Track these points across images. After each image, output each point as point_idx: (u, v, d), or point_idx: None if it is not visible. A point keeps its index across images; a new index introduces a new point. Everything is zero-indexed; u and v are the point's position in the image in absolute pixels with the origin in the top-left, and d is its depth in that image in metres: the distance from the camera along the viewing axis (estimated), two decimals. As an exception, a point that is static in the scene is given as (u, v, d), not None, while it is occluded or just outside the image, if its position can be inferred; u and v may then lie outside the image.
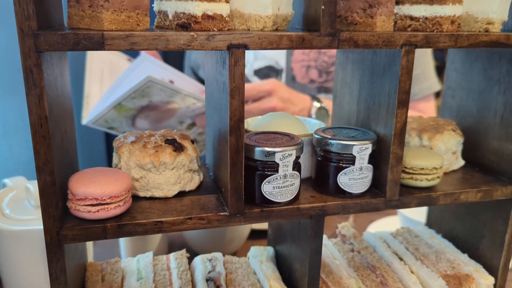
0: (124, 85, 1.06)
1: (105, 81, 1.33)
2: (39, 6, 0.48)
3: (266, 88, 1.07)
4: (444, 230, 0.87)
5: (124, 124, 1.18)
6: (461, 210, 0.82)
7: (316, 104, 1.17)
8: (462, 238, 0.82)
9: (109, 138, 1.87)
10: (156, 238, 0.95)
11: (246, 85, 1.05)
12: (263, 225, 1.05)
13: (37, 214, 0.83)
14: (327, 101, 1.21)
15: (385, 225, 1.13)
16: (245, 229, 1.00)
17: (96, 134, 1.81)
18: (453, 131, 0.75)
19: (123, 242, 0.93)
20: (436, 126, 0.75)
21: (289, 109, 1.11)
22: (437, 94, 1.48)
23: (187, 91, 1.07)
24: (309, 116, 1.16)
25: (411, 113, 1.34)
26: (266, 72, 1.38)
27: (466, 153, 0.79)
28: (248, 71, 1.38)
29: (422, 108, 1.41)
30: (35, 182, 0.90)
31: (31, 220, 0.80)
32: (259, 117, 0.77)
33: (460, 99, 0.81)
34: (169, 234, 1.04)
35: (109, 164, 1.90)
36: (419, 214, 1.01)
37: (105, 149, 1.86)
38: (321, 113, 1.16)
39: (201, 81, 1.50)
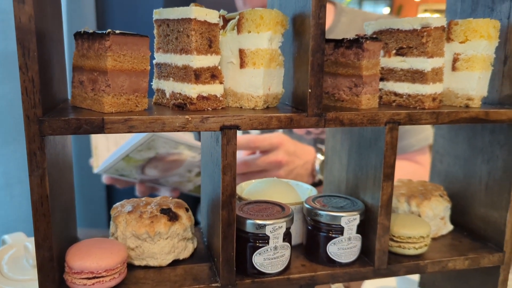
0: (130, 140, 1.11)
1: None
2: (45, 92, 0.52)
3: (273, 142, 1.11)
4: (436, 292, 0.88)
5: (134, 172, 1.22)
6: (453, 273, 0.83)
7: (320, 157, 1.21)
8: (454, 301, 0.83)
9: (109, 191, 1.89)
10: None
11: (255, 137, 1.11)
12: None
13: (35, 275, 0.84)
14: None
15: (379, 282, 1.14)
16: None
17: (96, 187, 1.84)
18: (440, 197, 0.77)
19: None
20: (424, 192, 0.78)
21: (294, 162, 1.15)
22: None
23: (190, 143, 1.11)
24: (313, 168, 1.20)
25: (410, 165, 1.38)
26: None
27: (455, 218, 0.81)
28: None
29: (420, 160, 1.45)
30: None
31: (29, 281, 0.82)
32: (253, 181, 0.80)
33: (447, 165, 0.84)
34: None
35: (109, 216, 1.92)
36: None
37: (106, 201, 1.88)
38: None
39: None
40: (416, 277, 0.98)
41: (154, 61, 0.64)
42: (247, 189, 0.77)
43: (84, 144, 1.85)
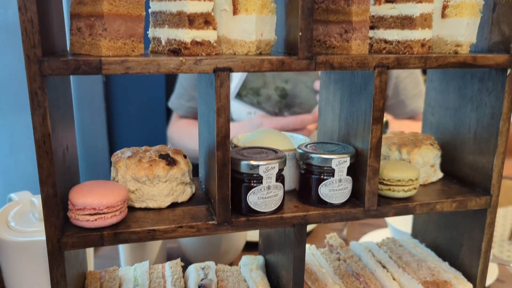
0: None
1: None
2: (44, 35, 0.54)
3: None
4: (427, 240, 0.91)
5: None
6: (443, 220, 0.86)
7: None
8: (444, 247, 0.86)
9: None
10: (155, 250, 0.99)
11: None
12: (257, 237, 1.09)
13: (41, 226, 0.88)
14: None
15: (376, 237, 1.17)
16: (240, 240, 1.04)
17: (99, 152, 1.87)
18: (431, 145, 0.79)
19: (122, 253, 0.98)
20: (415, 141, 0.80)
21: None
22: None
23: None
24: None
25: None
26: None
27: (445, 167, 0.84)
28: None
29: None
30: (40, 196, 0.95)
31: (35, 232, 0.85)
32: (249, 133, 0.82)
33: (438, 116, 0.86)
34: (167, 246, 1.08)
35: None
36: (409, 226, 1.05)
37: (109, 167, 1.92)
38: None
39: None
40: (409, 229, 1.01)
41: (149, 10, 0.65)
42: (242, 139, 0.79)
43: (86, 127, 1.88)
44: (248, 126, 1.39)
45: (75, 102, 1.80)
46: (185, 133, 1.61)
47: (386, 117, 1.45)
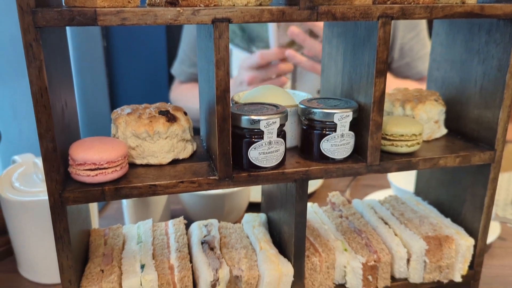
0: None
1: None
2: (36, -15, 0.52)
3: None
4: (430, 197, 0.91)
5: None
6: (446, 177, 0.86)
7: None
8: (446, 204, 0.86)
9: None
10: (158, 211, 1.00)
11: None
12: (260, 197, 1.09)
13: (44, 187, 0.88)
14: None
15: (379, 197, 1.17)
16: (243, 201, 1.05)
17: (102, 118, 1.86)
18: (435, 101, 0.78)
19: (127, 214, 0.99)
20: (419, 97, 0.79)
21: None
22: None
23: None
24: None
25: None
26: None
27: (450, 123, 0.83)
28: None
29: None
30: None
31: (39, 192, 0.86)
32: (250, 90, 0.81)
33: (444, 71, 0.84)
34: (171, 208, 1.09)
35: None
36: (412, 186, 1.04)
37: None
38: None
39: None
40: (411, 188, 1.01)
41: (145, -39, 0.63)
42: (244, 96, 0.78)
43: (88, 93, 1.87)
44: (235, 83, 1.38)
45: (76, 68, 1.78)
46: (189, 96, 1.60)
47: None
